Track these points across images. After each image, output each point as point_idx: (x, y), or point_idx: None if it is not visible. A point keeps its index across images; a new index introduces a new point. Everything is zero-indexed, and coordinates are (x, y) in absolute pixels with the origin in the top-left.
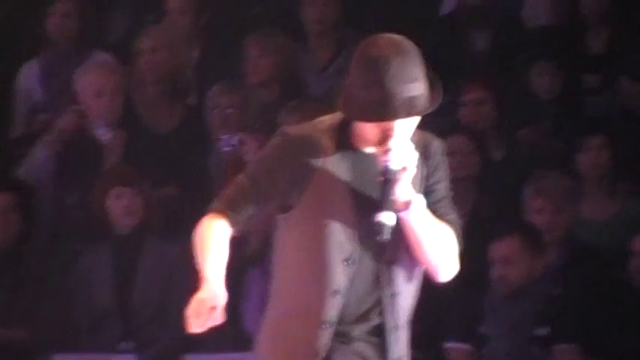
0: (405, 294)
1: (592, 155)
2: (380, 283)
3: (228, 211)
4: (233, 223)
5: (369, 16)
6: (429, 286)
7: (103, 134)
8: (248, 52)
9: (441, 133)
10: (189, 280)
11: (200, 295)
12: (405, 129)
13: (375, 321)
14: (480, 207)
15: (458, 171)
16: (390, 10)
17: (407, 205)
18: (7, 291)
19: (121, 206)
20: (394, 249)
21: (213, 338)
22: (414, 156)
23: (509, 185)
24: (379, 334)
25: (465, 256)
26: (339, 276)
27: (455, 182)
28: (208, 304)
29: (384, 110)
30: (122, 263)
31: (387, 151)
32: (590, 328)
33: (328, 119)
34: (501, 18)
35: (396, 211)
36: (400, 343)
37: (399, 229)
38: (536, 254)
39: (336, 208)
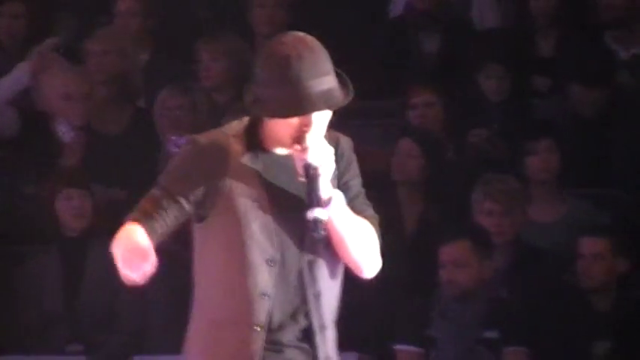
0: (329, 293)
1: (539, 158)
2: (304, 283)
3: (145, 221)
4: (151, 234)
5: (317, 18)
6: (377, 289)
7: (66, 132)
8: (200, 56)
9: (390, 136)
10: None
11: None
12: (320, 124)
13: (302, 323)
14: (429, 210)
15: (405, 174)
16: (338, 13)
17: (329, 201)
18: None
19: (71, 208)
20: (315, 248)
21: (161, 340)
22: (331, 151)
23: (458, 188)
24: (308, 337)
25: (414, 259)
26: (264, 277)
27: (403, 185)
28: (139, 252)
29: (304, 105)
30: (70, 265)
31: (304, 148)
32: (538, 331)
33: (236, 124)
34: (450, 20)
35: (320, 207)
36: (328, 343)
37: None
38: (485, 257)
39: (254, 211)
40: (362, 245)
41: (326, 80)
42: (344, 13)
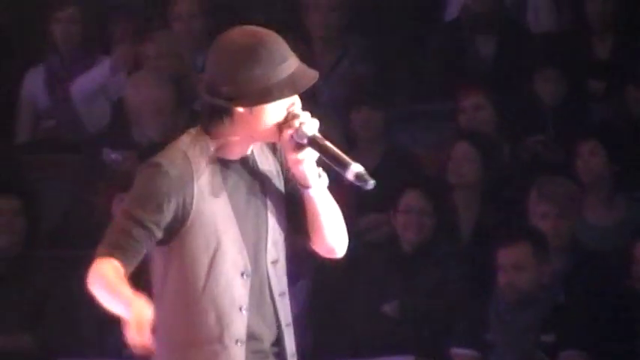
0: (288, 292)
1: (585, 160)
2: (270, 285)
3: (117, 253)
4: (126, 267)
5: (372, 21)
6: (436, 293)
7: (113, 158)
8: None
9: (446, 140)
10: None
11: (133, 314)
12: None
13: (273, 326)
14: (485, 214)
15: (461, 178)
16: (393, 16)
17: (319, 175)
18: (12, 297)
19: None
20: (276, 247)
21: None
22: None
23: (513, 191)
24: (278, 338)
25: (471, 263)
26: (240, 291)
27: (459, 189)
28: (144, 318)
29: (300, 81)
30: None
31: (301, 123)
32: (595, 335)
33: (186, 137)
34: (506, 23)
35: (309, 186)
36: (292, 338)
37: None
38: (543, 261)
39: (222, 225)
40: (338, 223)
41: (295, 58)
42: (399, 15)
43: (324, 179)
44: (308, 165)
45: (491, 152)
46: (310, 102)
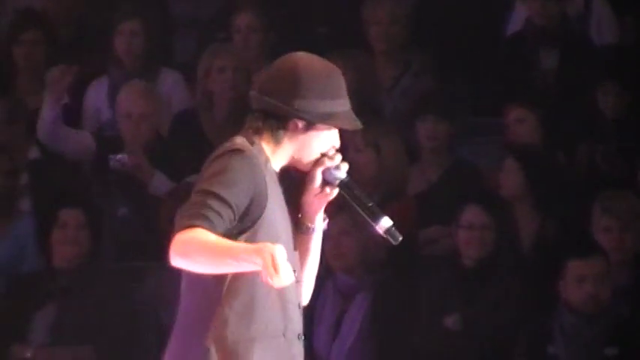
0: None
1: None
2: (300, 294)
3: (203, 223)
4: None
5: (433, 34)
6: (498, 306)
7: (121, 163)
8: None
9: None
10: None
11: (268, 251)
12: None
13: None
14: (546, 227)
15: (508, 190)
16: (455, 30)
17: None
18: (74, 309)
19: None
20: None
21: None
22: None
23: (576, 205)
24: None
25: (533, 276)
26: (294, 289)
27: (515, 202)
28: (281, 255)
29: (356, 120)
30: None
31: (335, 163)
32: None
33: (239, 140)
34: (569, 37)
35: (313, 226)
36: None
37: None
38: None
39: (282, 225)
40: (315, 272)
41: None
42: (461, 29)
43: (324, 225)
44: (322, 206)
45: (537, 165)
46: (374, 116)
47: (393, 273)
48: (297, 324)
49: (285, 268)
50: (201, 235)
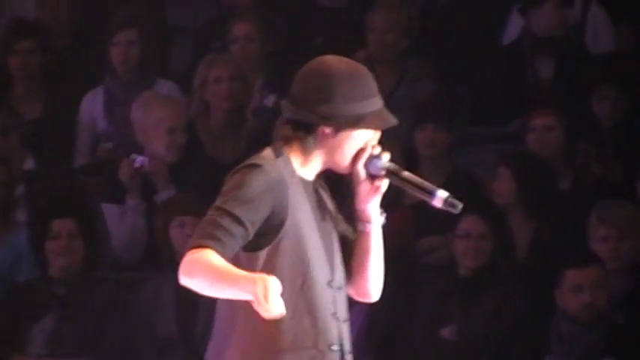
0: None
1: None
2: (344, 301)
3: (213, 244)
4: (222, 256)
5: (430, 43)
6: (495, 315)
7: (140, 163)
8: None
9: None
10: None
11: (261, 283)
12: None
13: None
14: (540, 235)
15: (500, 198)
16: (452, 39)
17: (382, 212)
18: (71, 319)
19: (184, 235)
20: (341, 275)
21: None
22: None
23: (573, 214)
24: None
25: (529, 285)
26: (330, 298)
27: (508, 210)
28: (269, 287)
29: (387, 118)
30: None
31: (374, 155)
32: None
33: (267, 153)
34: (566, 45)
35: (371, 222)
36: None
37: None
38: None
39: (310, 235)
40: (382, 268)
41: (380, 97)
42: (458, 38)
43: (383, 219)
44: (378, 199)
45: (529, 174)
46: None
47: (390, 283)
48: (331, 335)
49: (275, 301)
50: (207, 257)
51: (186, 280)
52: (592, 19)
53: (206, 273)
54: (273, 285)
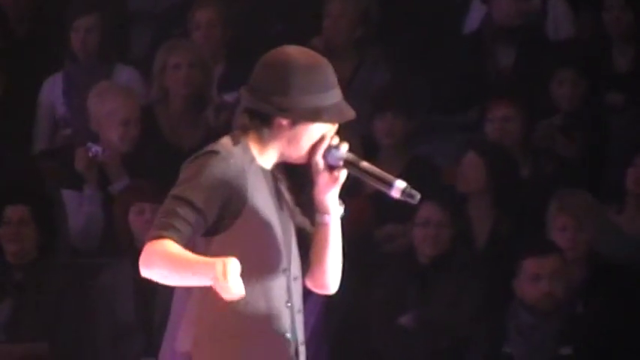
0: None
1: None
2: (298, 291)
3: (171, 234)
4: (180, 244)
5: (390, 32)
6: (454, 304)
7: (95, 152)
8: None
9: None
10: None
11: (221, 263)
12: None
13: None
14: (500, 224)
15: (467, 186)
16: (413, 26)
17: (341, 203)
18: (29, 305)
19: (143, 221)
20: (297, 265)
21: None
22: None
23: (533, 203)
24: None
25: (488, 274)
26: (284, 286)
27: (471, 199)
28: (229, 267)
29: (345, 112)
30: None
31: (332, 145)
32: (613, 348)
33: (226, 140)
34: (526, 34)
35: (329, 213)
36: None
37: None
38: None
39: (269, 222)
40: (340, 260)
41: (339, 89)
42: (417, 26)
43: (342, 210)
44: (336, 190)
45: (499, 162)
46: None
47: (349, 271)
48: (284, 322)
49: (235, 281)
50: (166, 247)
51: (146, 271)
52: (552, 8)
53: (165, 263)
54: (233, 265)
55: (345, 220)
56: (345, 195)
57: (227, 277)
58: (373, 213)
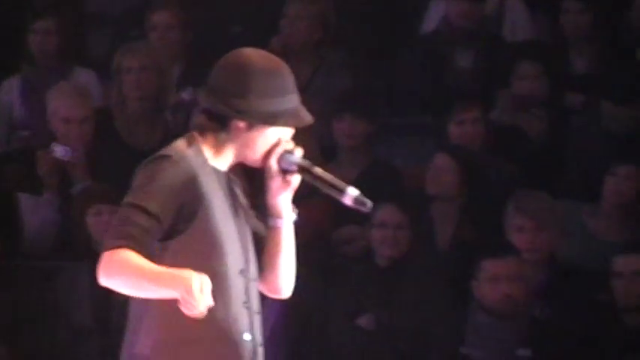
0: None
1: (617, 181)
2: (256, 293)
3: (129, 243)
4: (139, 254)
5: (348, 33)
6: (413, 306)
7: (62, 152)
8: None
9: (425, 152)
10: None
11: (190, 281)
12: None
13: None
14: (463, 227)
15: (440, 189)
16: (372, 28)
17: (294, 208)
18: None
19: (101, 223)
20: (255, 267)
21: None
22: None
23: (493, 205)
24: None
25: (448, 276)
26: (242, 287)
27: (437, 201)
28: (204, 285)
29: (303, 116)
30: None
31: (287, 150)
32: (572, 350)
33: (180, 143)
34: (484, 36)
35: (282, 217)
36: None
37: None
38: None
39: (224, 223)
40: (293, 264)
41: (297, 94)
42: (375, 28)
43: (294, 215)
44: (288, 194)
45: (472, 165)
46: None
47: (307, 273)
48: (242, 324)
49: (202, 300)
50: (127, 258)
51: (106, 281)
52: (509, 10)
53: (127, 274)
54: (197, 283)
55: (303, 222)
56: (303, 197)
57: (198, 296)
58: (332, 215)
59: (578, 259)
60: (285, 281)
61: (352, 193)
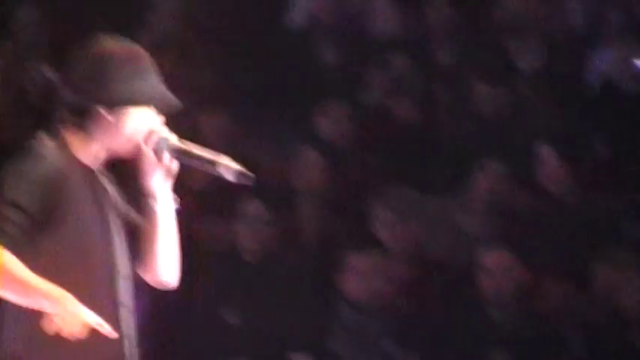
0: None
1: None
2: (130, 288)
3: (13, 248)
4: (14, 253)
5: (211, 25)
6: (278, 299)
7: None
8: None
9: (288, 147)
10: None
11: (64, 302)
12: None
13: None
14: (329, 221)
15: (307, 184)
16: (234, 22)
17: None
18: None
19: None
20: (128, 265)
21: None
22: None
23: (359, 199)
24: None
25: (315, 270)
26: (114, 287)
27: (303, 196)
28: (80, 310)
29: (165, 99)
30: None
31: (158, 134)
32: (437, 343)
33: (42, 139)
34: (350, 31)
35: (157, 200)
36: None
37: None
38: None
39: (91, 224)
40: (176, 253)
41: (161, 80)
42: (238, 21)
43: (176, 204)
44: (166, 178)
45: (337, 160)
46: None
47: None
48: (118, 324)
49: (77, 324)
50: (7, 262)
51: None
52: (377, 4)
53: (2, 279)
54: (72, 306)
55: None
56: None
57: (70, 320)
58: (198, 210)
59: (445, 253)
60: (165, 268)
61: (234, 167)
